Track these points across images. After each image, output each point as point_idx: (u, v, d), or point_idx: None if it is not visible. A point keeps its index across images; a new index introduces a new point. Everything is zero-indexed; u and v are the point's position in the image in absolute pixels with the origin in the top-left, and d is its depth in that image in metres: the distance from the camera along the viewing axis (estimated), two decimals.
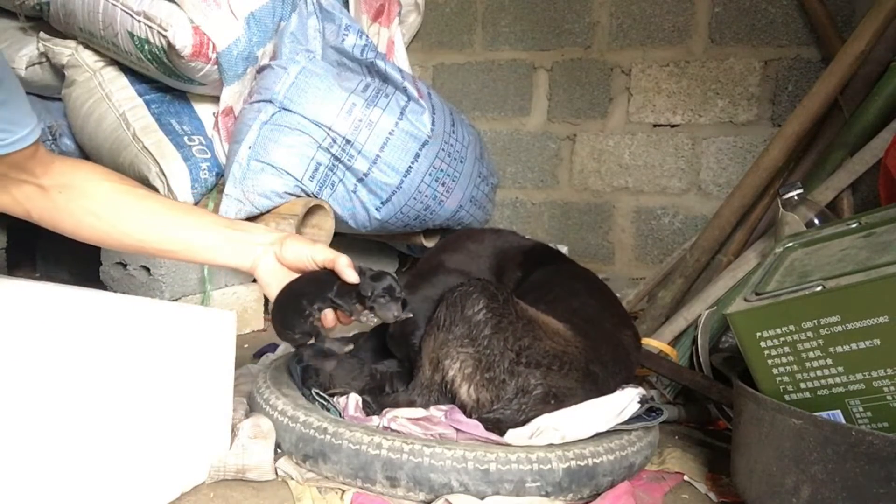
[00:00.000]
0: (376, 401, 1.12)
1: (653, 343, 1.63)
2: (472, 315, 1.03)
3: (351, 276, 0.97)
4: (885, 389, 0.85)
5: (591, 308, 1.22)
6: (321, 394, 1.15)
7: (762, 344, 0.93)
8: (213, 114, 1.98)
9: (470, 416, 1.05)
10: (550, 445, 0.99)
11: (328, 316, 1.00)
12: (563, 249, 2.35)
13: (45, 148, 1.00)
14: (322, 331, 1.01)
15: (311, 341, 1.04)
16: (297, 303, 0.99)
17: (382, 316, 1.00)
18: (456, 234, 1.80)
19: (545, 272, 1.35)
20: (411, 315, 1.03)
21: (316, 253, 0.99)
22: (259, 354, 1.57)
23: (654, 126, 2.46)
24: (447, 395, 1.07)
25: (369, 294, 0.97)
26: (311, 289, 0.99)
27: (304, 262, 1.00)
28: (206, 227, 1.00)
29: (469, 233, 1.77)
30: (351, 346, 1.06)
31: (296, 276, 1.02)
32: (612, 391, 1.11)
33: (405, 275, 1.34)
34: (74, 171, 1.01)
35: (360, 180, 1.78)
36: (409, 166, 1.77)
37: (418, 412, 1.07)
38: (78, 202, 0.99)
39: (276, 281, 1.01)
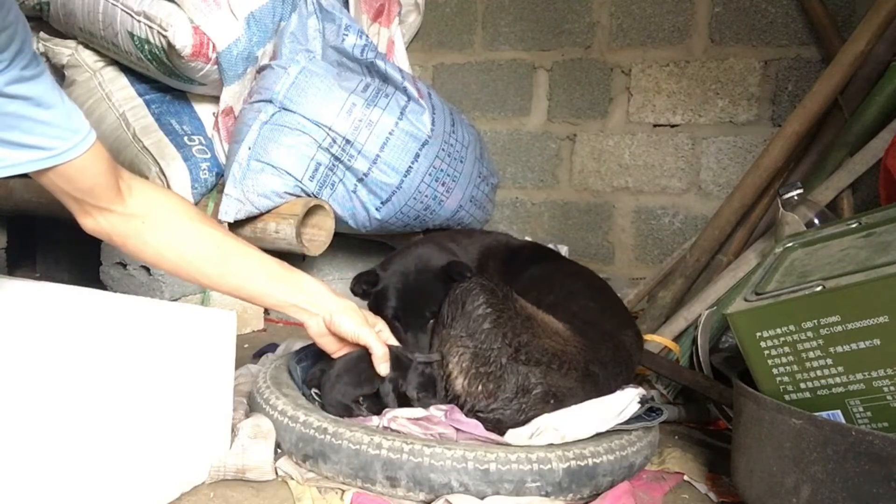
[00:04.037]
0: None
1: (656, 339, 1.63)
2: (472, 310, 1.05)
3: (382, 371, 1.08)
4: (885, 389, 0.85)
5: (591, 310, 1.22)
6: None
7: (762, 344, 0.93)
8: (213, 114, 1.98)
9: (463, 408, 1.05)
10: (550, 445, 0.99)
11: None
12: (563, 249, 2.35)
13: (127, 172, 1.02)
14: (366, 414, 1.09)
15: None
16: (344, 389, 1.10)
17: (424, 406, 1.08)
18: (446, 231, 1.83)
19: (543, 270, 1.35)
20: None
21: (360, 334, 1.08)
22: (259, 354, 1.57)
23: (654, 126, 2.46)
24: (445, 389, 1.08)
25: (414, 395, 1.08)
26: (358, 382, 1.10)
27: (348, 339, 1.10)
28: (277, 283, 1.09)
29: (457, 230, 1.80)
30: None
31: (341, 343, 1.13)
32: (613, 392, 1.11)
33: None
34: (156, 200, 1.04)
35: (360, 180, 1.78)
36: (409, 166, 1.77)
37: (418, 412, 1.07)
38: (161, 235, 1.02)
39: (324, 341, 1.13)
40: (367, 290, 1.26)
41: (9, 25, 0.79)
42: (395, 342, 1.15)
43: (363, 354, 1.10)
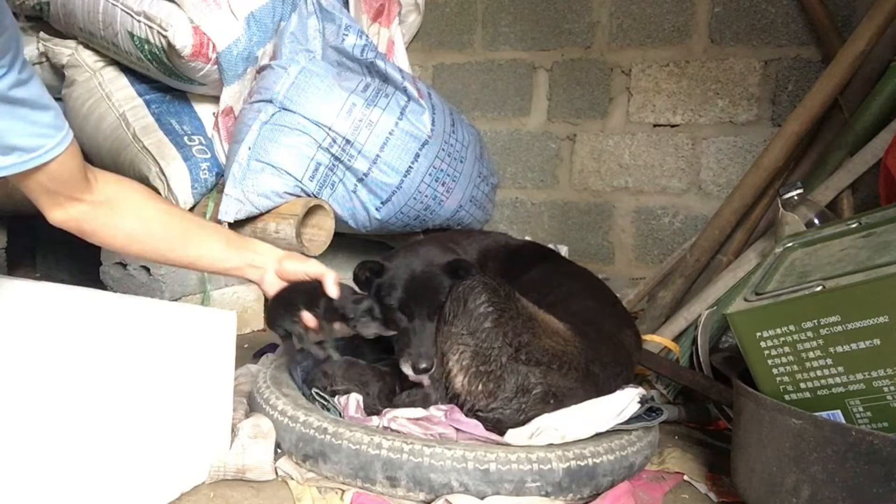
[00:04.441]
0: (389, 401, 1.13)
1: (656, 339, 1.63)
2: (474, 308, 1.06)
3: (332, 291, 1.12)
4: (885, 389, 0.85)
5: (590, 310, 1.22)
6: (321, 394, 1.16)
7: (762, 344, 0.93)
8: (213, 114, 1.98)
9: (463, 407, 1.05)
10: (550, 445, 0.99)
11: (308, 319, 1.12)
12: (563, 249, 2.35)
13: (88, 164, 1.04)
14: (303, 332, 1.13)
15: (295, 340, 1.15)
16: (286, 304, 1.14)
17: (364, 332, 1.12)
18: (444, 231, 1.83)
19: (541, 272, 1.35)
20: (394, 333, 1.13)
21: (308, 268, 1.16)
22: (259, 354, 1.57)
23: (654, 126, 2.46)
24: (445, 387, 1.07)
25: (352, 315, 1.11)
26: (300, 296, 1.14)
27: (299, 276, 1.16)
28: (232, 248, 1.17)
29: (456, 230, 1.79)
30: (329, 354, 1.15)
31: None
32: (613, 392, 1.11)
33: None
34: (119, 186, 1.08)
35: (360, 180, 1.78)
36: (409, 166, 1.77)
37: (418, 412, 1.07)
38: (129, 219, 1.07)
39: (274, 288, 1.17)
40: (370, 279, 1.24)
41: (6, 29, 0.81)
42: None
43: (311, 282, 1.15)
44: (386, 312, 1.18)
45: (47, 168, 0.92)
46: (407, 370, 1.10)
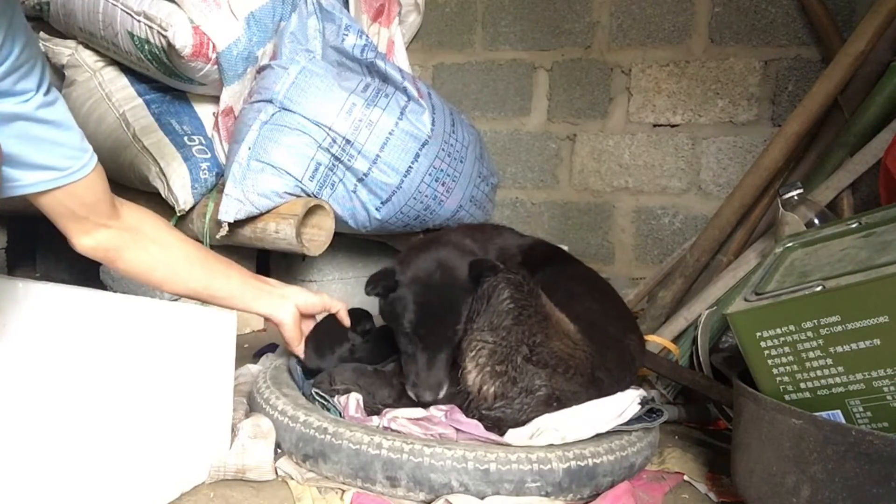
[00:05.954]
0: (399, 405, 1.13)
1: (656, 340, 1.63)
2: (497, 304, 1.06)
3: (346, 321, 1.29)
4: (885, 389, 0.86)
5: (594, 313, 1.22)
6: (321, 394, 1.16)
7: (762, 344, 0.93)
8: (213, 114, 1.98)
9: (469, 406, 1.05)
10: (551, 446, 0.99)
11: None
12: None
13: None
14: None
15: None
16: (334, 336, 1.28)
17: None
18: (456, 226, 1.80)
19: (547, 275, 1.35)
20: None
21: (325, 302, 1.27)
22: (259, 354, 1.57)
23: (654, 126, 2.46)
24: (456, 383, 1.08)
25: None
26: (339, 329, 1.30)
27: (318, 310, 1.27)
28: (249, 280, 1.20)
29: (468, 226, 1.78)
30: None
31: (307, 320, 1.28)
32: None
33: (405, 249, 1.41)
34: (141, 213, 1.10)
35: (360, 180, 1.78)
36: (409, 166, 1.77)
37: (418, 412, 1.07)
38: (153, 246, 1.09)
39: (295, 323, 1.22)
40: (384, 294, 1.20)
41: (35, 56, 0.86)
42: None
43: (328, 319, 1.28)
44: (398, 330, 1.17)
45: (75, 190, 0.94)
46: (412, 395, 1.11)
